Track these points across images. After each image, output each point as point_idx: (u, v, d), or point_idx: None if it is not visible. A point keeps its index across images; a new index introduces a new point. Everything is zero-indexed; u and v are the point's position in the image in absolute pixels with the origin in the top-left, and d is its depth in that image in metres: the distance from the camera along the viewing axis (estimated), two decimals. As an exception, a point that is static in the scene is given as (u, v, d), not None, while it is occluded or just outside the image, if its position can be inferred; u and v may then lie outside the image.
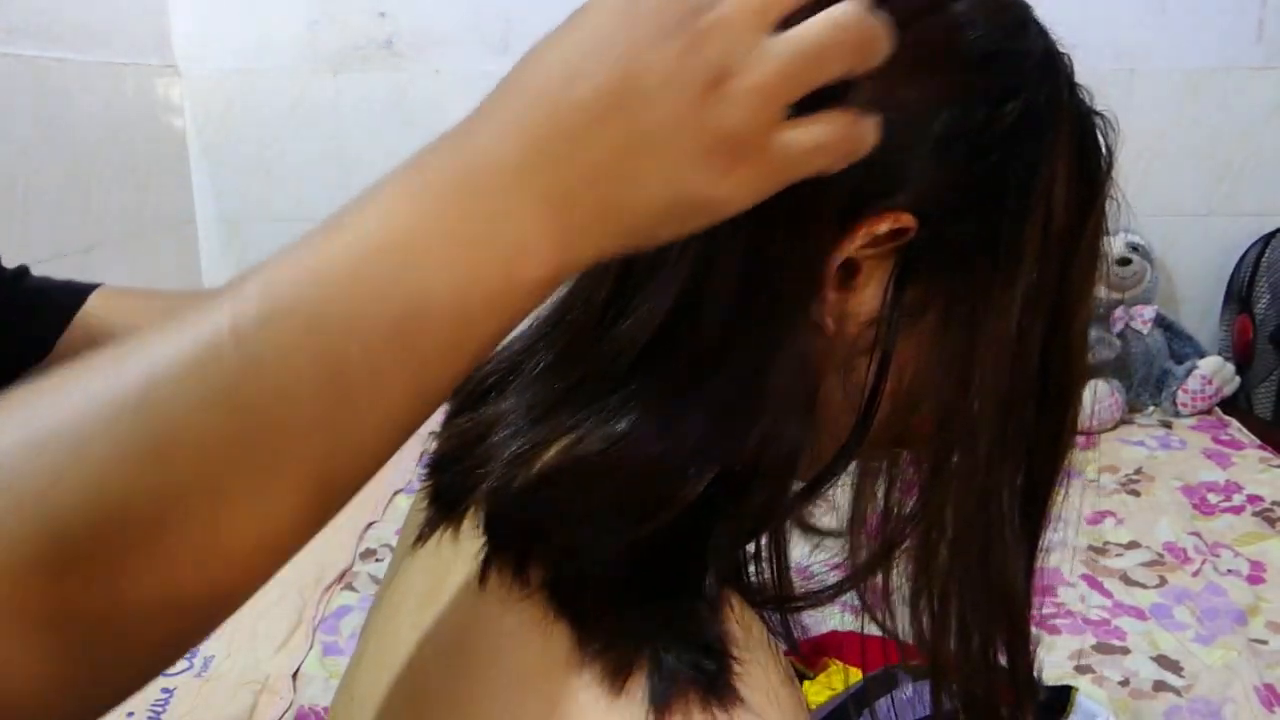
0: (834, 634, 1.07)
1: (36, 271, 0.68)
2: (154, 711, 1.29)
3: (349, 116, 2.30)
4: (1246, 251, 2.29)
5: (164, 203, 2.23)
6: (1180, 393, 2.20)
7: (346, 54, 2.28)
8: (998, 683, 0.45)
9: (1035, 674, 0.47)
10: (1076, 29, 0.45)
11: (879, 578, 0.45)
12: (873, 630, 0.48)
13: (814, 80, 0.31)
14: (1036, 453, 0.45)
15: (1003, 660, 0.46)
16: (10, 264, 0.68)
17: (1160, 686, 1.29)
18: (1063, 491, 0.47)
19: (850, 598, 0.47)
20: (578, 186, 0.31)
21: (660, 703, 0.35)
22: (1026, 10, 0.44)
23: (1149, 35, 2.19)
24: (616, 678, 0.35)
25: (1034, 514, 0.46)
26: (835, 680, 1.05)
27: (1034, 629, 0.46)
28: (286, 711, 1.31)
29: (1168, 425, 2.17)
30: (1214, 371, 2.19)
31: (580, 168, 0.30)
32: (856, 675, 0.99)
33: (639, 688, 0.35)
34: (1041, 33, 0.44)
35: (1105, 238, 0.46)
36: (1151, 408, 2.25)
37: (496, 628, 0.38)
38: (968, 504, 0.43)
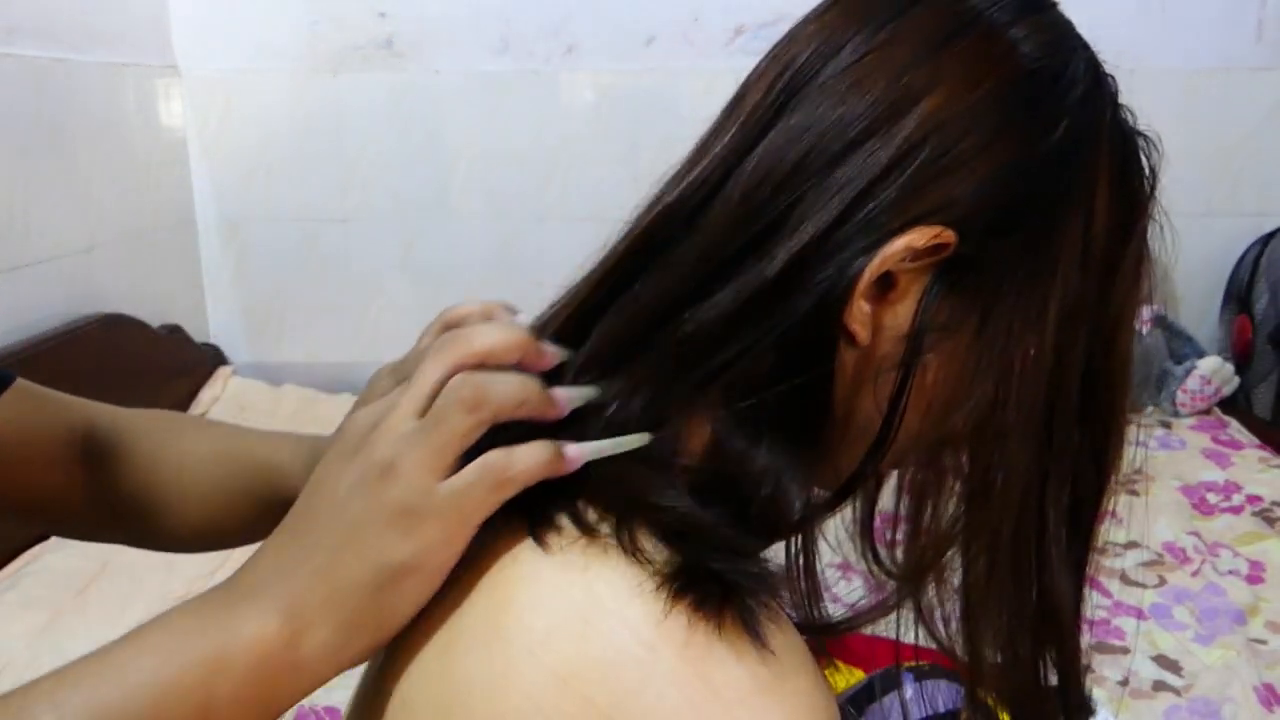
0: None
1: (36, 271, 0.68)
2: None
3: (349, 116, 2.30)
4: (1246, 251, 2.29)
5: (164, 203, 2.23)
6: (1179, 392, 2.20)
7: (346, 54, 2.28)
8: (1048, 703, 0.45)
9: (1086, 693, 0.47)
10: (1076, 29, 0.46)
11: (921, 591, 0.45)
12: (873, 631, 0.48)
13: (454, 446, 0.39)
14: (1081, 470, 0.45)
15: (1053, 679, 0.46)
16: (10, 263, 0.67)
17: (1160, 686, 1.29)
18: (1111, 509, 0.47)
19: (850, 595, 0.47)
20: (305, 588, 0.39)
21: (762, 640, 0.37)
22: (1074, 30, 0.44)
23: (1149, 35, 2.20)
24: (711, 615, 0.37)
25: (1080, 531, 0.46)
26: (837, 680, 1.05)
27: (1084, 646, 0.46)
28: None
29: (1167, 425, 2.17)
30: (1213, 371, 2.19)
31: (305, 573, 0.39)
32: (858, 675, 0.99)
33: (733, 624, 0.37)
34: (1088, 52, 0.44)
35: (1148, 261, 0.46)
36: (1151, 407, 2.25)
37: (559, 586, 0.39)
38: (1011, 520, 0.43)
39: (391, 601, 0.39)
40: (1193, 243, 2.33)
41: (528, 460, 0.40)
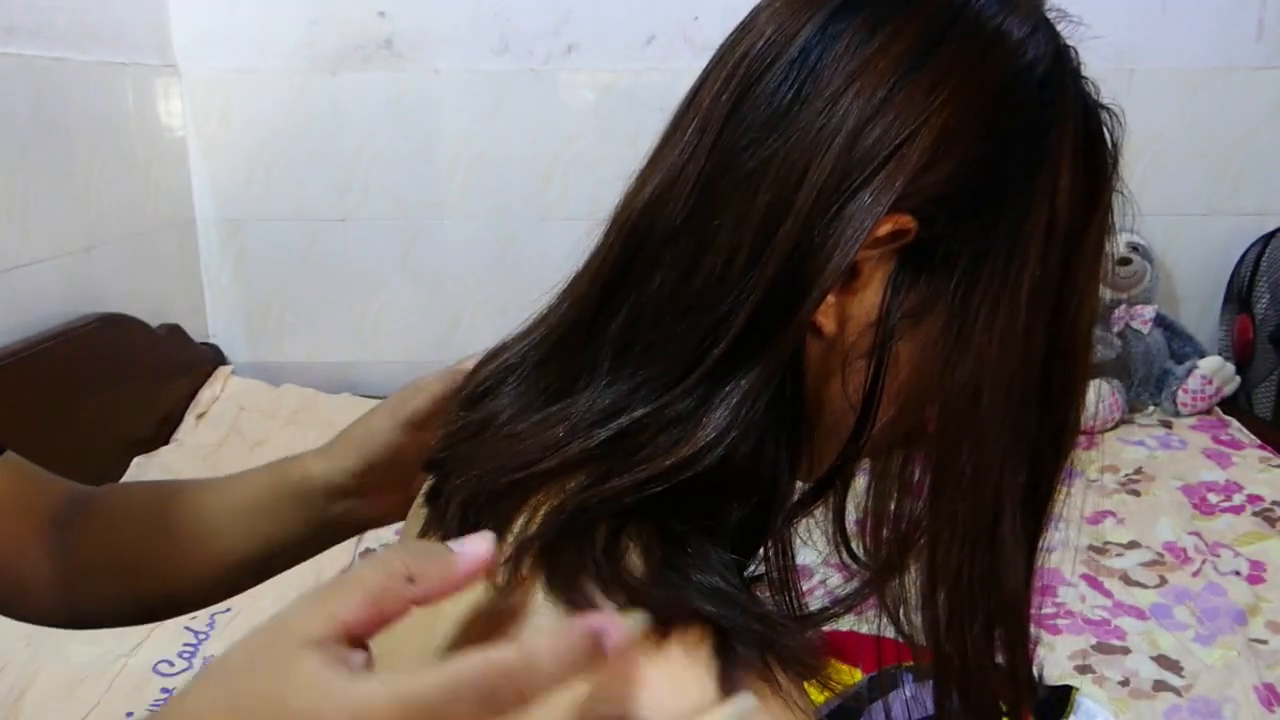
0: (833, 634, 1.07)
1: (36, 270, 0.68)
2: (153, 711, 1.29)
3: (349, 116, 2.30)
4: (1246, 251, 2.29)
5: (164, 203, 2.23)
6: (1180, 392, 2.19)
7: (346, 54, 2.28)
8: (996, 680, 0.45)
9: (1035, 673, 0.47)
10: (1076, 29, 0.45)
11: (893, 581, 0.44)
12: (872, 631, 0.47)
13: None
14: (1039, 451, 0.44)
15: (1001, 658, 0.45)
16: (10, 263, 0.68)
17: (1160, 686, 1.29)
18: (1065, 491, 0.46)
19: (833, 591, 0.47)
20: None
21: (729, 681, 0.36)
22: (1036, 4, 0.44)
23: (1149, 35, 2.19)
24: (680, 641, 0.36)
25: (1035, 513, 0.45)
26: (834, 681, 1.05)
27: (1033, 628, 0.46)
28: (286, 711, 1.31)
29: (1168, 425, 2.17)
30: (1214, 371, 2.19)
31: None
32: (856, 675, 0.99)
33: (702, 656, 0.36)
34: (1048, 26, 0.44)
35: (1110, 235, 0.45)
36: (1151, 407, 2.25)
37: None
38: (974, 504, 0.42)
39: None
40: (1193, 243, 2.33)
41: None
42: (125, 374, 1.93)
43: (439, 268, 2.38)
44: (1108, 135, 0.45)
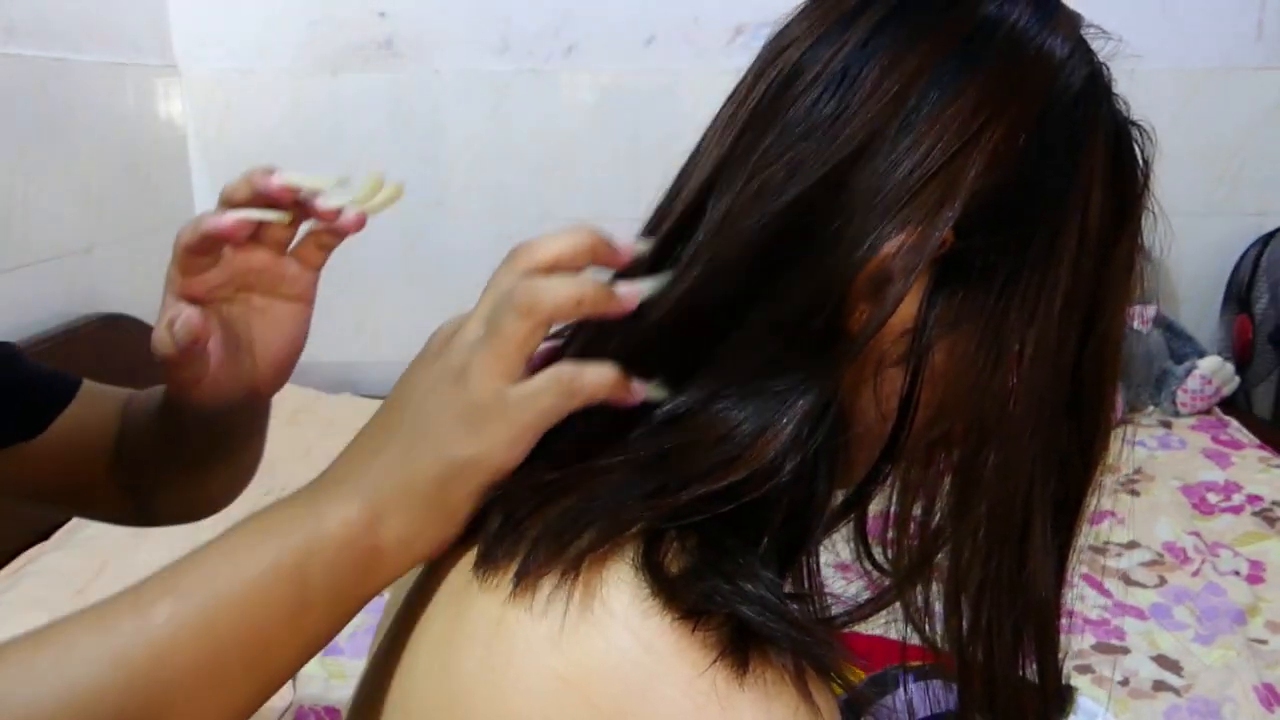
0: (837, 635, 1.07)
1: (36, 270, 0.71)
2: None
3: (348, 116, 2.30)
4: (1246, 251, 2.29)
5: (164, 203, 2.23)
6: (1180, 392, 2.20)
7: (346, 54, 2.28)
8: (1025, 693, 0.45)
9: (1065, 685, 0.47)
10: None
11: (916, 588, 0.44)
12: (878, 632, 0.47)
13: (514, 351, 0.41)
14: (1068, 463, 0.44)
15: (1030, 670, 0.45)
16: (10, 263, 0.70)
17: (1160, 686, 1.29)
18: (1094, 502, 0.46)
19: (850, 595, 0.47)
20: (382, 477, 0.41)
21: (741, 666, 0.36)
22: (1075, 24, 0.44)
23: (1149, 35, 2.19)
24: (724, 634, 0.36)
25: (1065, 524, 0.45)
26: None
27: (1063, 639, 0.46)
28: (286, 711, 1.31)
29: (1167, 425, 2.17)
30: (1214, 371, 2.19)
31: (382, 464, 0.42)
32: (858, 676, 0.99)
33: (713, 637, 0.36)
34: (1083, 43, 0.44)
35: (1140, 250, 0.46)
36: (1151, 407, 2.25)
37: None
38: (1002, 514, 0.43)
39: (456, 495, 0.41)
40: (1193, 243, 2.33)
41: (596, 376, 0.41)
42: (125, 374, 1.92)
43: (440, 267, 2.38)
44: (1138, 152, 0.45)
